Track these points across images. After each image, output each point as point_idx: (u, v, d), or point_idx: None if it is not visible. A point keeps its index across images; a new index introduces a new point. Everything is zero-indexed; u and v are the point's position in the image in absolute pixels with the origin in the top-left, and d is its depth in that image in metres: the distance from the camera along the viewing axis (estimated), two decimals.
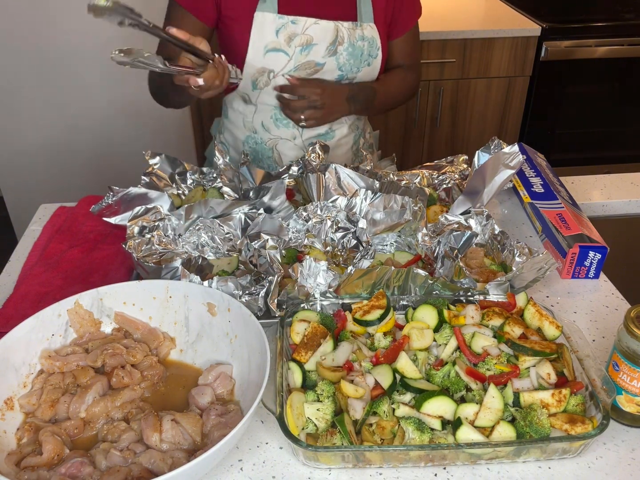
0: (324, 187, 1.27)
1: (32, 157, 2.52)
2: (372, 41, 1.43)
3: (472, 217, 1.20)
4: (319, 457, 0.83)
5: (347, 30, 1.39)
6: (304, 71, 1.40)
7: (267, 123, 1.49)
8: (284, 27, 1.34)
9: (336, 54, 1.40)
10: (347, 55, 1.40)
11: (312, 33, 1.36)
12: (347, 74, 1.44)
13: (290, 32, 1.35)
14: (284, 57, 1.37)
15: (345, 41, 1.39)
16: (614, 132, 2.97)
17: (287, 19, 1.35)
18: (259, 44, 1.36)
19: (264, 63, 1.38)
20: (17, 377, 0.93)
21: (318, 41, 1.37)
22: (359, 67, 1.43)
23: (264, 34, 1.35)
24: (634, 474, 0.85)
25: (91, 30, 2.32)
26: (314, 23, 1.35)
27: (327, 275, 1.04)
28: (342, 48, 1.39)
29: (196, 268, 1.16)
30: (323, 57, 1.39)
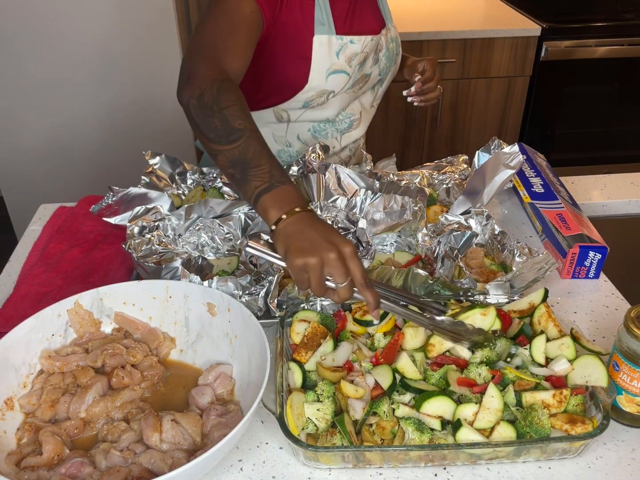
0: (324, 187, 1.27)
1: (32, 157, 2.52)
2: (397, 39, 1.48)
3: (472, 217, 1.20)
4: (319, 457, 0.83)
5: (383, 37, 1.42)
6: (357, 86, 1.40)
7: (305, 136, 1.46)
8: (344, 48, 1.33)
9: (378, 62, 1.42)
10: (385, 60, 1.44)
11: (368, 50, 1.37)
12: (383, 77, 1.48)
13: (351, 52, 1.33)
14: (345, 77, 1.35)
15: (383, 47, 1.42)
16: (614, 132, 2.97)
17: (346, 39, 1.33)
18: (322, 68, 1.32)
19: (326, 85, 1.34)
20: (17, 377, 0.93)
21: (369, 55, 1.39)
22: (390, 67, 1.47)
23: (325, 57, 1.32)
24: (634, 474, 0.85)
25: (91, 31, 2.32)
26: (370, 40, 1.36)
27: None
28: (382, 54, 1.42)
29: (196, 268, 1.16)
30: (370, 67, 1.41)
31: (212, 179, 1.39)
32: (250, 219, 1.22)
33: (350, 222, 1.24)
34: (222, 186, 1.36)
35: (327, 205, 1.24)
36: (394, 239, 1.23)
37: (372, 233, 1.21)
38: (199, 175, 1.40)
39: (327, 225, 0.88)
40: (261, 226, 1.21)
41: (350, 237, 1.23)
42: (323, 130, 1.46)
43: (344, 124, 1.47)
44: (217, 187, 1.37)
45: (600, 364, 0.88)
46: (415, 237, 1.20)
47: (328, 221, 1.22)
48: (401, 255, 1.21)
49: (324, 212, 1.23)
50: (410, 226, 1.21)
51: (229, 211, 1.23)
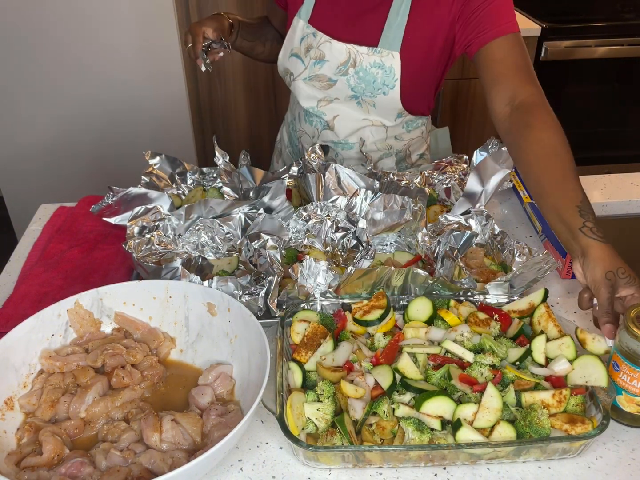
0: (324, 187, 1.27)
1: (32, 157, 2.52)
2: (390, 70, 1.35)
3: (472, 217, 1.20)
4: (319, 457, 0.83)
5: (360, 54, 1.36)
6: (318, 82, 1.43)
7: (300, 116, 1.56)
8: (306, 37, 1.42)
9: (347, 75, 1.40)
10: (358, 79, 1.39)
11: (324, 50, 1.40)
12: (362, 96, 1.41)
13: (309, 43, 1.42)
14: (301, 64, 1.44)
15: (357, 65, 1.37)
16: (614, 132, 2.97)
17: (311, 30, 1.41)
18: (288, 46, 1.46)
19: (288, 64, 1.47)
20: (17, 377, 0.93)
21: (330, 58, 1.40)
22: (372, 92, 1.39)
23: (293, 38, 1.44)
24: (634, 474, 0.85)
25: (91, 30, 2.32)
26: (326, 41, 1.39)
27: (327, 275, 1.04)
28: (353, 71, 1.38)
29: (196, 268, 1.16)
30: (334, 74, 1.41)
31: (212, 179, 1.40)
32: (250, 219, 1.22)
33: (350, 222, 1.24)
34: (222, 186, 1.36)
35: (327, 205, 1.24)
36: (394, 239, 1.23)
37: (372, 233, 1.21)
38: (199, 175, 1.40)
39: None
40: (261, 226, 1.21)
41: (350, 237, 1.23)
42: (311, 117, 1.53)
43: (320, 122, 1.51)
44: (217, 187, 1.37)
45: (600, 364, 0.88)
46: (415, 237, 1.20)
47: (328, 221, 1.22)
48: (401, 255, 1.21)
49: (323, 212, 1.23)
50: (410, 226, 1.21)
51: (229, 211, 1.23)
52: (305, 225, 1.23)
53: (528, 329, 1.00)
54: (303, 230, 1.23)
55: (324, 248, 1.22)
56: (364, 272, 1.05)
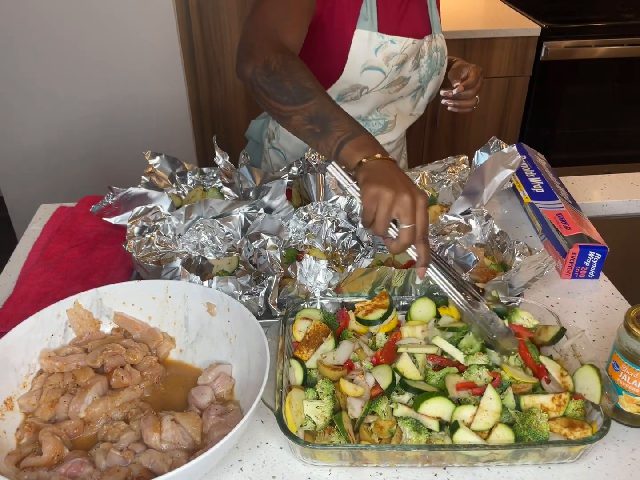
0: (324, 187, 1.27)
1: (32, 157, 2.52)
2: (443, 50, 1.47)
3: (472, 217, 1.20)
4: (316, 454, 0.83)
5: (427, 43, 1.42)
6: (394, 87, 1.41)
7: None
8: (383, 46, 1.34)
9: (419, 67, 1.42)
10: (427, 67, 1.43)
11: (408, 52, 1.37)
12: (424, 85, 1.47)
13: (390, 51, 1.35)
14: (381, 75, 1.36)
15: (425, 54, 1.42)
16: (614, 132, 2.97)
17: (387, 38, 1.34)
18: (358, 62, 1.34)
19: (360, 80, 1.36)
20: (16, 377, 0.93)
21: (408, 58, 1.39)
22: (431, 76, 1.46)
23: (363, 52, 1.34)
24: (634, 474, 0.85)
25: (91, 31, 2.32)
26: (411, 43, 1.37)
27: (327, 274, 1.04)
28: (423, 60, 1.42)
29: (196, 268, 1.16)
30: (410, 71, 1.41)
31: (212, 179, 1.39)
32: (250, 219, 1.22)
33: (350, 222, 1.24)
34: (222, 186, 1.36)
35: (327, 205, 1.24)
36: None
37: (372, 233, 1.21)
38: (199, 175, 1.40)
39: (407, 176, 0.93)
40: (261, 226, 1.21)
41: (350, 237, 1.23)
42: None
43: (377, 125, 1.48)
44: (217, 187, 1.37)
45: (597, 380, 0.86)
46: None
47: (328, 221, 1.22)
48: (401, 255, 1.20)
49: (323, 212, 1.23)
50: None
51: (229, 211, 1.23)
52: (305, 225, 1.23)
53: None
54: (303, 230, 1.23)
55: (324, 248, 1.22)
56: (364, 272, 1.05)
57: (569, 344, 0.95)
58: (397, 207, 0.88)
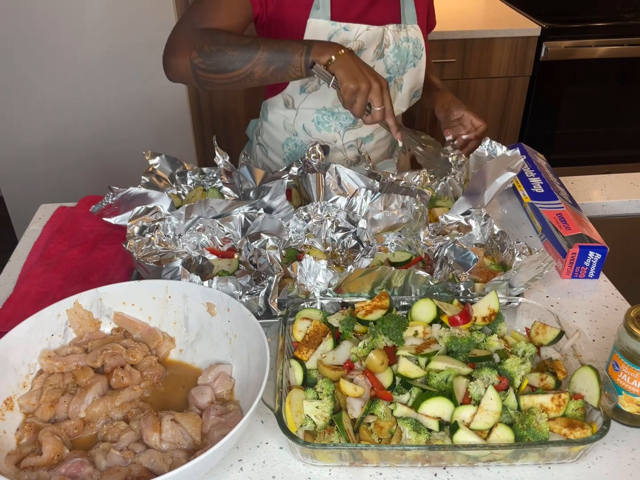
0: (324, 187, 1.27)
1: (32, 157, 2.52)
2: (417, 42, 1.45)
3: (472, 217, 1.20)
4: (315, 454, 0.83)
5: (392, 32, 1.40)
6: None
7: (309, 126, 1.49)
8: (336, 34, 1.35)
9: (383, 57, 1.41)
10: (394, 57, 1.42)
11: (363, 39, 1.37)
12: (395, 76, 1.46)
13: (343, 38, 1.35)
14: None
15: (390, 43, 1.40)
16: (614, 132, 2.97)
17: (340, 25, 1.35)
18: None
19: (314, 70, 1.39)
20: (16, 377, 0.93)
21: (367, 46, 1.38)
22: (404, 68, 1.45)
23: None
24: (634, 474, 0.85)
25: (91, 31, 2.32)
26: (365, 29, 1.36)
27: (327, 274, 1.04)
28: (388, 50, 1.41)
29: (196, 268, 1.16)
30: (371, 60, 1.40)
31: (212, 179, 1.39)
32: (250, 219, 1.22)
33: (350, 222, 1.24)
34: (222, 186, 1.36)
35: (327, 205, 1.24)
36: (394, 239, 1.23)
37: (372, 233, 1.21)
38: (199, 175, 1.40)
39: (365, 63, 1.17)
40: (261, 226, 1.21)
41: (350, 237, 1.23)
42: (326, 123, 1.48)
43: (347, 120, 1.48)
44: (217, 187, 1.37)
45: (596, 382, 0.86)
46: (416, 237, 1.20)
47: (328, 221, 1.22)
48: (401, 255, 1.20)
49: (324, 212, 1.23)
50: (410, 226, 1.21)
51: (229, 211, 1.23)
52: (305, 225, 1.23)
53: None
54: (303, 230, 1.23)
55: (324, 248, 1.22)
56: (364, 272, 1.05)
57: (569, 344, 0.95)
58: (370, 95, 1.15)
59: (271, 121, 1.54)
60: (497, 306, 0.99)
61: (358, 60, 1.15)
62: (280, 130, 1.53)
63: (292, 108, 1.48)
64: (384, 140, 1.58)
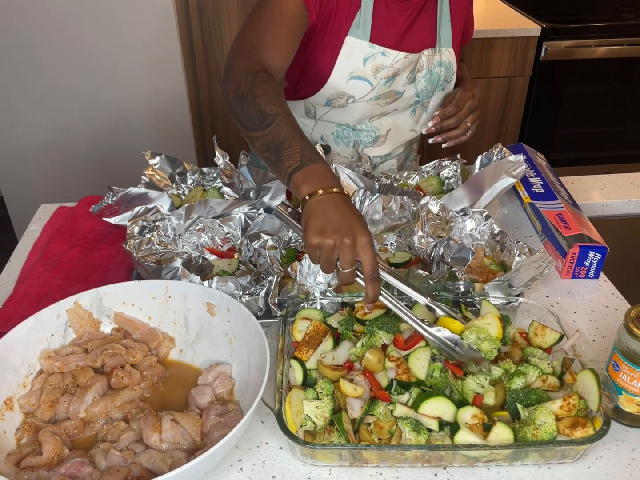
0: None
1: (32, 157, 2.52)
2: (449, 66, 1.41)
3: (472, 217, 1.20)
4: (315, 454, 0.83)
5: (426, 57, 1.37)
6: (383, 100, 1.37)
7: (327, 138, 1.47)
8: (372, 57, 1.31)
9: (415, 82, 1.38)
10: (425, 82, 1.39)
11: (399, 66, 1.33)
12: (423, 100, 1.42)
13: (379, 63, 1.32)
14: (368, 86, 1.34)
15: (424, 68, 1.37)
16: (614, 132, 2.97)
17: (378, 49, 1.31)
18: (345, 69, 1.32)
19: (346, 88, 1.34)
20: (16, 377, 0.93)
21: (401, 72, 1.35)
22: (434, 91, 1.42)
23: (351, 60, 1.31)
24: (634, 474, 0.85)
25: (91, 31, 2.32)
26: (403, 57, 1.33)
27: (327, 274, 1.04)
28: (421, 75, 1.38)
29: (196, 268, 1.16)
30: (403, 85, 1.37)
31: (212, 179, 1.39)
32: (250, 219, 1.22)
33: None
34: (222, 186, 1.36)
35: None
36: (394, 239, 1.23)
37: (372, 233, 1.21)
38: (199, 175, 1.40)
39: (353, 210, 0.91)
40: (261, 226, 1.21)
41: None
42: (346, 138, 1.46)
43: (368, 137, 1.45)
44: (217, 187, 1.37)
45: (596, 387, 0.86)
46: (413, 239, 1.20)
47: None
48: (401, 256, 1.20)
49: None
50: (410, 227, 1.21)
51: (229, 211, 1.23)
52: None
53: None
54: None
55: None
56: None
57: (569, 344, 0.95)
58: (337, 252, 0.87)
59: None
60: (497, 311, 0.98)
61: (340, 204, 0.90)
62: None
63: (312, 118, 1.44)
64: (401, 154, 1.56)
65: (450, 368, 0.91)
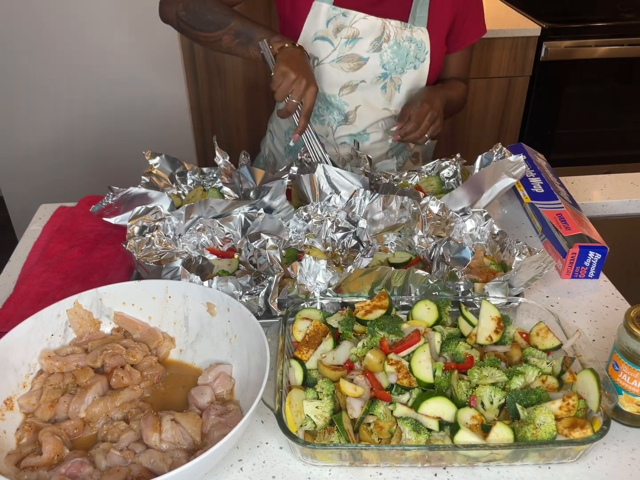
0: (318, 188, 1.26)
1: (32, 157, 2.52)
2: (421, 44, 1.44)
3: (472, 217, 1.20)
4: (315, 454, 0.83)
5: (394, 28, 1.41)
6: (347, 63, 1.43)
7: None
8: (334, 18, 1.40)
9: (380, 50, 1.42)
10: (392, 54, 1.43)
11: (359, 27, 1.40)
12: (391, 73, 1.46)
13: (339, 23, 1.40)
14: (329, 46, 1.42)
15: (391, 39, 1.42)
16: (614, 132, 2.97)
17: (339, 10, 1.40)
18: (310, 31, 1.43)
19: (311, 49, 1.43)
20: (16, 377, 0.93)
21: (364, 35, 1.41)
22: (403, 67, 1.45)
23: (316, 22, 1.41)
24: (634, 474, 0.85)
25: (91, 31, 2.32)
26: (362, 17, 1.39)
27: (327, 274, 1.04)
28: (387, 45, 1.42)
29: (197, 268, 1.16)
30: (367, 51, 1.42)
31: (212, 179, 1.40)
32: (250, 219, 1.22)
33: (350, 222, 1.24)
34: (222, 186, 1.36)
35: (327, 205, 1.24)
36: (394, 239, 1.23)
37: (372, 233, 1.21)
38: (199, 175, 1.40)
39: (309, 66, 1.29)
40: (261, 226, 1.21)
41: (350, 237, 1.23)
42: (321, 116, 1.51)
43: (339, 116, 1.50)
44: (217, 187, 1.38)
45: (596, 388, 0.85)
46: (413, 239, 1.20)
47: (328, 221, 1.22)
48: (401, 256, 1.21)
49: (324, 212, 1.23)
50: (410, 227, 1.21)
51: (229, 211, 1.23)
52: (305, 225, 1.23)
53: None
54: (303, 230, 1.23)
55: (324, 248, 1.22)
56: (364, 272, 1.05)
57: (569, 344, 0.95)
58: (294, 85, 1.22)
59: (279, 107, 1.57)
60: (497, 311, 0.99)
61: (304, 57, 1.27)
62: (285, 120, 1.56)
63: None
64: (381, 142, 1.57)
65: (455, 368, 0.91)
